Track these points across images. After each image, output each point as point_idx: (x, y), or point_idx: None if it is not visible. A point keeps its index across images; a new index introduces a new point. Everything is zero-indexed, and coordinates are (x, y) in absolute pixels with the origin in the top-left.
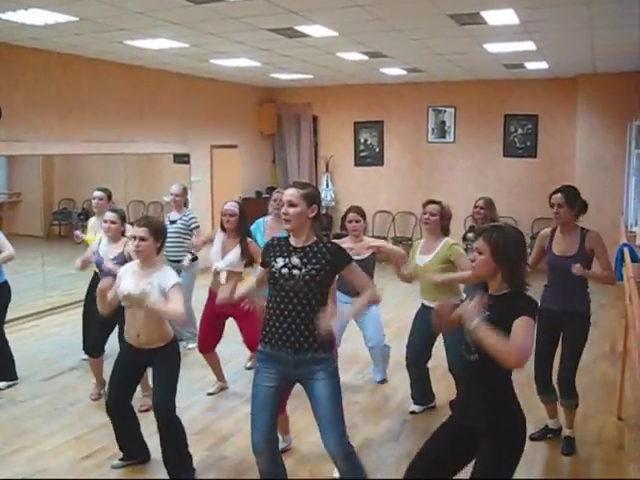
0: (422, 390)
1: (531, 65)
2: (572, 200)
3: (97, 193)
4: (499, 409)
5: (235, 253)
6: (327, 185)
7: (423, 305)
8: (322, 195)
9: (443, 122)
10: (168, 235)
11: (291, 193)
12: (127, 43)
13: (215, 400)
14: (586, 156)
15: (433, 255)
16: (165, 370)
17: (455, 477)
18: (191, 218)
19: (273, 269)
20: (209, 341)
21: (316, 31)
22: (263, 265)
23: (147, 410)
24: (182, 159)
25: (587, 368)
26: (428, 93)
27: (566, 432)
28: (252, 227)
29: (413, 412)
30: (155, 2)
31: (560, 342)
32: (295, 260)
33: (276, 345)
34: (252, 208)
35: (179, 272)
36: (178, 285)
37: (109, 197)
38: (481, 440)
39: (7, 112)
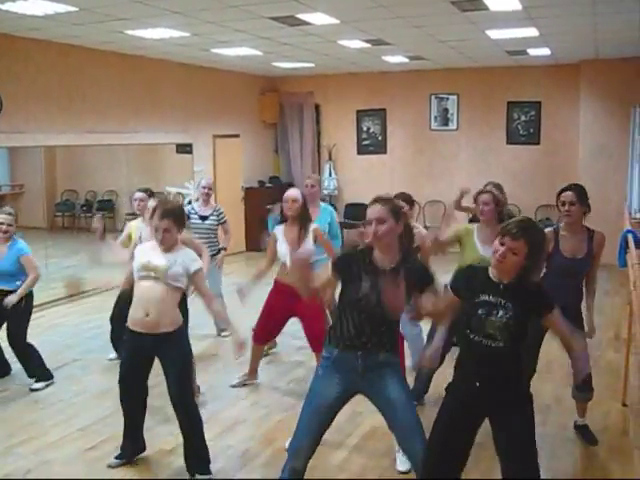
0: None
1: (534, 51)
2: (583, 198)
3: (138, 194)
4: (521, 381)
5: (309, 242)
6: (330, 174)
7: None
8: (325, 184)
9: (446, 110)
10: (200, 231)
11: (377, 209)
12: (127, 33)
13: (221, 390)
14: (589, 142)
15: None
16: (178, 360)
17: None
18: (220, 213)
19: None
20: (268, 333)
21: (317, 19)
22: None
23: None
24: (184, 149)
25: (591, 355)
26: (431, 81)
27: (580, 421)
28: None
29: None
30: None
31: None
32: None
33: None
34: (255, 197)
35: None
36: (202, 271)
37: (150, 196)
38: (506, 412)
39: (8, 103)
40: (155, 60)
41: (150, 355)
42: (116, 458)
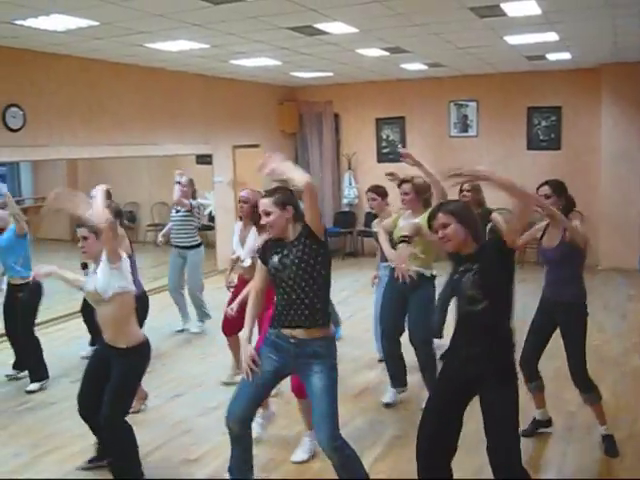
0: (397, 369)
1: (553, 56)
2: (559, 191)
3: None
4: (506, 350)
5: (253, 240)
6: (350, 183)
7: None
8: (345, 192)
9: (465, 116)
10: (174, 222)
11: (263, 203)
12: (147, 46)
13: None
14: (611, 147)
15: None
16: (119, 376)
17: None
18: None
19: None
20: (235, 325)
21: (336, 28)
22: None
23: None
24: (205, 160)
25: (617, 361)
26: (449, 87)
27: (602, 430)
28: None
29: (388, 405)
30: (174, 4)
31: (562, 338)
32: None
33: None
34: None
35: (185, 258)
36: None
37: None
38: (488, 383)
39: (31, 118)
40: (175, 72)
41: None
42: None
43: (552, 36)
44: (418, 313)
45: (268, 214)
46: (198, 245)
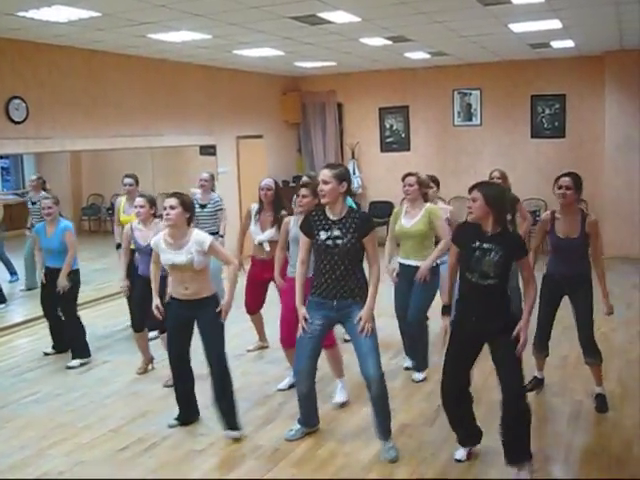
0: (416, 349)
1: (557, 44)
2: (578, 184)
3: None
4: (509, 311)
5: (273, 226)
6: (354, 172)
7: (401, 264)
8: None
9: (469, 105)
10: (198, 218)
11: (324, 173)
12: (150, 37)
13: (251, 390)
14: (615, 135)
15: (419, 218)
16: (213, 321)
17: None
18: (216, 202)
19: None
20: (256, 304)
21: (339, 17)
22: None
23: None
24: (208, 151)
25: (623, 349)
26: (453, 76)
27: (597, 390)
28: None
29: (415, 381)
30: None
31: (572, 307)
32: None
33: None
34: None
35: None
36: (213, 240)
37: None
38: (497, 336)
39: (34, 110)
40: (178, 63)
41: (191, 316)
42: (174, 419)
43: (555, 23)
44: (420, 298)
45: (326, 183)
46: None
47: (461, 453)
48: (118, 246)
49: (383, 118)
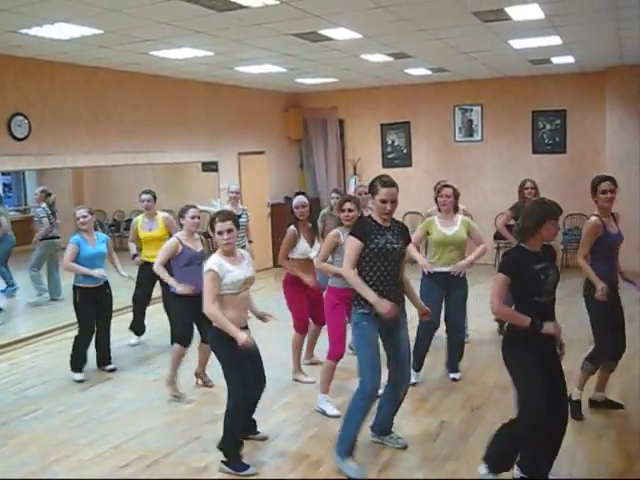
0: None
1: (557, 60)
2: (616, 186)
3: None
4: None
5: (319, 240)
6: (355, 189)
7: (440, 272)
8: None
9: (470, 121)
10: None
11: (393, 192)
12: (152, 54)
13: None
14: (616, 150)
15: (458, 227)
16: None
17: None
18: (245, 212)
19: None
20: (304, 321)
21: (340, 34)
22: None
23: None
24: (210, 167)
25: (625, 365)
26: (454, 92)
27: (575, 394)
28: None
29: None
30: (178, 12)
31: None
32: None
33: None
34: (281, 214)
35: None
36: None
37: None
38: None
39: (37, 126)
40: (180, 80)
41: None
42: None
43: (556, 40)
44: (465, 305)
45: (394, 201)
46: (251, 241)
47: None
48: (134, 256)
49: (385, 134)
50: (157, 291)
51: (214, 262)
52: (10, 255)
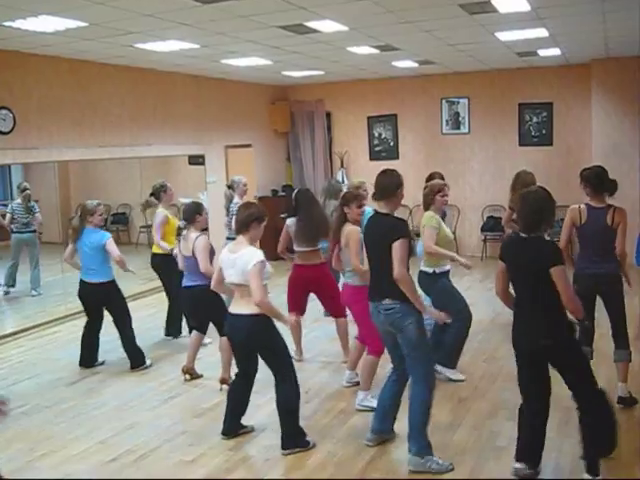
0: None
1: (544, 52)
2: None
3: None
4: None
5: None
6: (343, 181)
7: (448, 271)
8: None
9: (457, 113)
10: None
11: None
12: (137, 46)
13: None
14: (602, 142)
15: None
16: None
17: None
18: None
19: None
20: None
21: (326, 26)
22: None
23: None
24: (197, 160)
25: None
26: (441, 85)
27: (620, 388)
28: None
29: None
30: (163, 3)
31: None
32: None
33: None
34: (269, 207)
35: None
36: None
37: None
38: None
39: (22, 120)
40: (166, 73)
41: None
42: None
43: (542, 32)
44: None
45: None
46: None
47: None
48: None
49: (372, 127)
50: (147, 285)
51: (260, 254)
52: None
